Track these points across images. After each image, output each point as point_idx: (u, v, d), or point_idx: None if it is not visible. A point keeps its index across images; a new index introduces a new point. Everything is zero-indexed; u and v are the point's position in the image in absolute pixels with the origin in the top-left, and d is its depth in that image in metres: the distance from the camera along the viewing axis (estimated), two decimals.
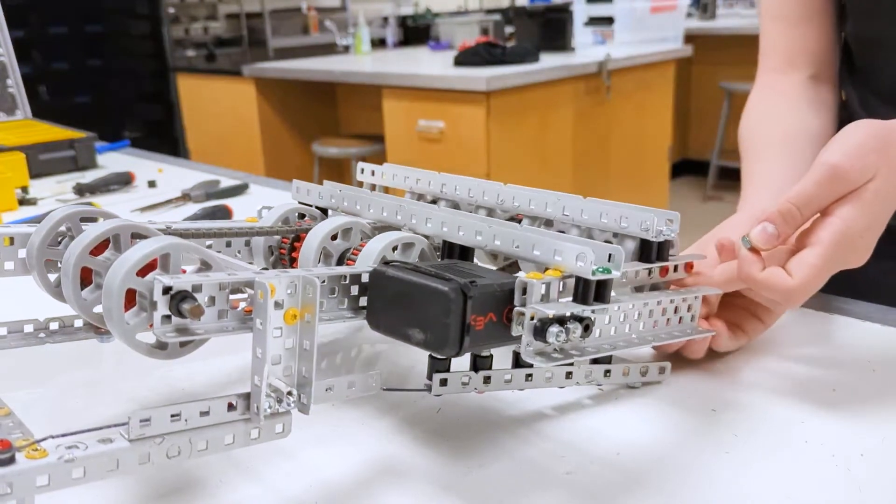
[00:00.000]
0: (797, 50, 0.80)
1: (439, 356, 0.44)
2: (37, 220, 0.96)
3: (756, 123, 0.78)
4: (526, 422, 0.50)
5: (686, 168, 5.00)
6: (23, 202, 1.12)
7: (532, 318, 0.39)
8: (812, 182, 0.48)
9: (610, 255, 0.41)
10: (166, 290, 0.36)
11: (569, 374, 0.49)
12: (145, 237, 0.43)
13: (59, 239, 0.45)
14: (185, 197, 1.12)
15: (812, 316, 0.64)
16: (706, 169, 4.60)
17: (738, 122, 0.82)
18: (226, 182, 1.19)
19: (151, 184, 1.22)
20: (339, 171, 3.74)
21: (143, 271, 0.38)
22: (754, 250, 0.48)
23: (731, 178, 4.18)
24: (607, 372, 0.51)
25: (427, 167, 0.60)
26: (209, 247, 0.53)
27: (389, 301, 0.42)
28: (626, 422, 0.50)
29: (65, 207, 0.45)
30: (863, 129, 0.50)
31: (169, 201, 1.10)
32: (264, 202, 1.10)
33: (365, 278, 0.44)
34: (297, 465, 0.46)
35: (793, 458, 0.45)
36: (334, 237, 0.51)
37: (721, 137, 4.39)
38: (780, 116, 0.78)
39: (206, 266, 0.40)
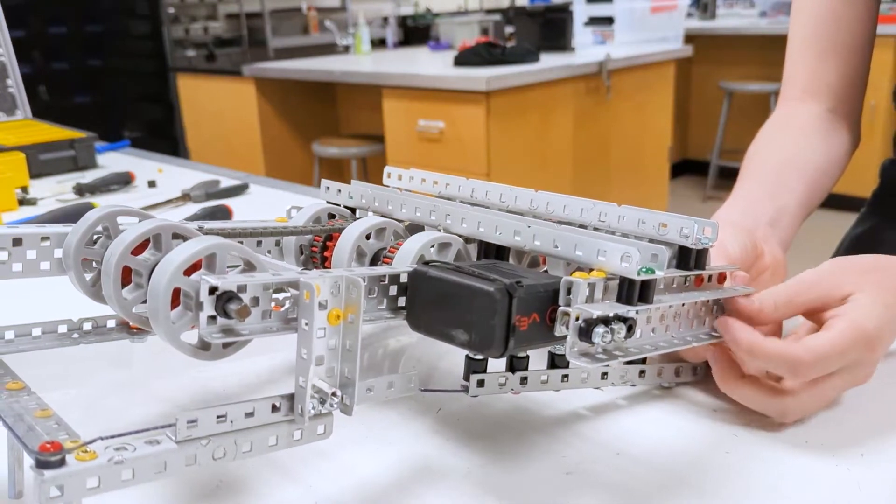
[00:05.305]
0: (818, 82, 0.80)
1: (484, 357, 0.43)
2: (37, 220, 0.96)
3: (758, 148, 0.78)
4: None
5: (686, 168, 5.01)
6: (23, 202, 1.11)
7: (577, 319, 0.38)
8: (784, 286, 0.51)
9: (654, 254, 0.41)
10: (212, 290, 0.36)
11: (604, 375, 0.49)
12: (185, 237, 0.42)
13: (95, 238, 0.45)
14: (185, 197, 1.11)
15: None
16: (706, 169, 4.61)
17: (738, 122, 0.83)
18: (226, 182, 1.19)
19: (151, 184, 1.21)
20: (339, 171, 3.74)
21: (187, 272, 0.38)
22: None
23: (731, 178, 4.21)
24: (642, 372, 0.51)
25: (427, 167, 0.60)
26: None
27: (431, 301, 0.42)
28: (624, 422, 0.50)
29: (102, 207, 0.45)
30: (842, 258, 0.53)
31: (169, 201, 1.09)
32: (264, 202, 1.11)
33: (404, 279, 0.44)
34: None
35: (792, 459, 0.46)
36: (368, 237, 0.51)
37: (721, 137, 4.40)
38: (783, 144, 0.78)
39: (249, 266, 0.40)
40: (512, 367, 0.46)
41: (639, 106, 3.36)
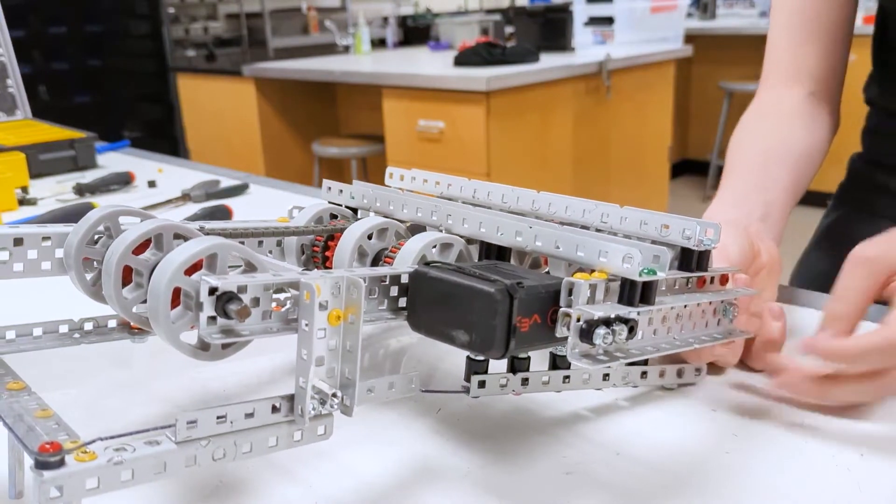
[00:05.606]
0: (799, 67, 0.81)
1: (484, 358, 0.43)
2: (37, 220, 0.96)
3: (741, 138, 0.79)
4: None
5: (686, 168, 5.01)
6: (23, 202, 1.11)
7: (578, 320, 0.38)
8: (843, 273, 0.50)
9: (655, 256, 0.41)
10: (212, 290, 0.36)
11: (606, 376, 0.49)
12: (186, 237, 0.42)
13: (96, 238, 0.45)
14: (185, 197, 1.11)
15: (812, 316, 0.64)
16: (706, 169, 4.61)
17: (737, 122, 0.83)
18: (226, 182, 1.19)
19: (151, 184, 1.21)
20: (339, 171, 3.74)
21: (188, 271, 0.38)
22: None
23: None
24: (644, 373, 0.51)
25: (427, 167, 0.60)
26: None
27: (432, 302, 0.42)
28: (625, 423, 0.50)
29: (103, 207, 0.45)
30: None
31: (169, 201, 1.09)
32: (264, 202, 1.11)
33: (405, 279, 0.43)
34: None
35: (792, 459, 0.45)
36: (369, 237, 0.51)
37: (721, 137, 4.40)
38: (767, 133, 0.79)
39: (249, 266, 0.40)
40: (513, 368, 0.46)
41: (639, 106, 3.36)
